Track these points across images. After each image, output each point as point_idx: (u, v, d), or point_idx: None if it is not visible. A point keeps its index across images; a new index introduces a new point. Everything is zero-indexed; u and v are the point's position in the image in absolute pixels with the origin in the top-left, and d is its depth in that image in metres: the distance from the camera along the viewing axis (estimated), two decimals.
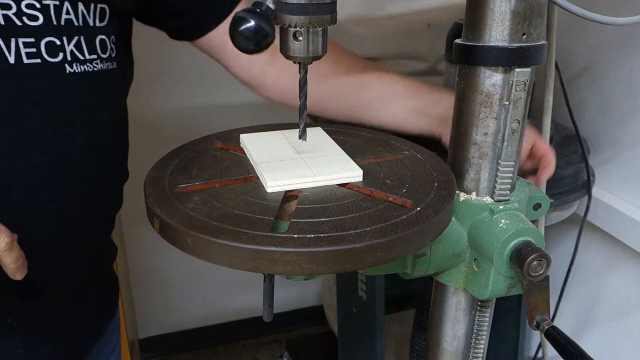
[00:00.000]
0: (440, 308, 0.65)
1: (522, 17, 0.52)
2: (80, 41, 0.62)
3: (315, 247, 0.42)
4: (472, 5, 0.54)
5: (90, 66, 0.63)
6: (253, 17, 0.44)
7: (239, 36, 0.44)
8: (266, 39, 0.44)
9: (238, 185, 0.52)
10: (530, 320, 0.56)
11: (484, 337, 0.65)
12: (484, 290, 0.57)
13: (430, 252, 0.58)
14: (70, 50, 0.61)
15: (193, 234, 0.43)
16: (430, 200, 0.49)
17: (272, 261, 0.42)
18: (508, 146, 0.56)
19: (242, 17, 0.44)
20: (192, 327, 1.99)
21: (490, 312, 0.64)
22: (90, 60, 0.63)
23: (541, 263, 0.53)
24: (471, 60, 0.55)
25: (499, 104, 0.55)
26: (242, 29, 0.44)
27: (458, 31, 0.58)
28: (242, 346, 1.99)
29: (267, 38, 0.45)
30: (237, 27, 0.44)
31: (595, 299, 1.22)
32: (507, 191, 0.58)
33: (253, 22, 0.43)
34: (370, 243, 0.42)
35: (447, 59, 1.00)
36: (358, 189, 0.52)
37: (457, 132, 0.59)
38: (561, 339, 0.53)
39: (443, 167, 0.57)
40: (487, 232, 0.56)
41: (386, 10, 1.25)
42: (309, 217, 0.46)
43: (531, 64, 0.53)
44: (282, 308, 1.98)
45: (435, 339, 0.66)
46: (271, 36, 0.45)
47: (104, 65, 0.65)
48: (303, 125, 0.59)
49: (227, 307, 1.97)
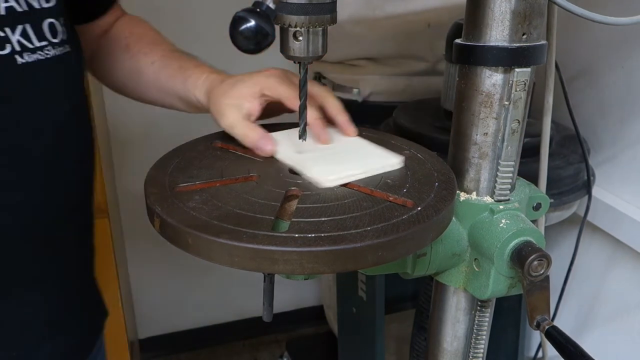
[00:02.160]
0: (440, 308, 0.65)
1: (522, 17, 0.52)
2: (27, 29, 0.58)
3: (316, 246, 0.42)
4: (472, 5, 0.54)
5: (42, 54, 0.59)
6: (253, 17, 0.44)
7: (239, 36, 0.44)
8: (266, 39, 0.44)
9: (238, 184, 0.52)
10: (530, 320, 0.56)
11: (484, 337, 0.65)
12: (484, 290, 0.57)
13: (431, 252, 0.58)
14: (17, 40, 0.57)
15: (193, 233, 0.43)
16: (431, 200, 0.49)
17: (272, 260, 0.42)
18: (508, 146, 0.56)
19: (242, 17, 0.44)
20: (192, 327, 1.99)
21: (490, 312, 0.64)
22: (41, 47, 0.59)
23: (541, 263, 0.53)
24: (471, 60, 0.55)
25: (499, 104, 0.55)
26: (242, 29, 0.44)
27: (458, 31, 0.58)
28: (242, 346, 1.99)
29: (267, 38, 0.45)
30: (237, 27, 0.44)
31: (595, 299, 1.22)
32: (507, 191, 0.58)
33: (253, 22, 0.44)
34: (370, 242, 0.42)
35: (447, 59, 1.00)
36: (359, 188, 0.52)
37: (457, 132, 0.59)
38: (561, 339, 0.53)
39: (443, 167, 0.57)
40: (487, 232, 0.56)
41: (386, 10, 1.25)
42: (309, 217, 0.46)
43: (531, 64, 0.53)
44: (282, 308, 1.98)
45: (435, 339, 0.66)
46: (271, 36, 0.45)
47: (57, 50, 0.62)
48: (303, 124, 0.59)
49: (227, 307, 1.97)
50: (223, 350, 1.98)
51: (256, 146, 0.59)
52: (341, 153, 0.58)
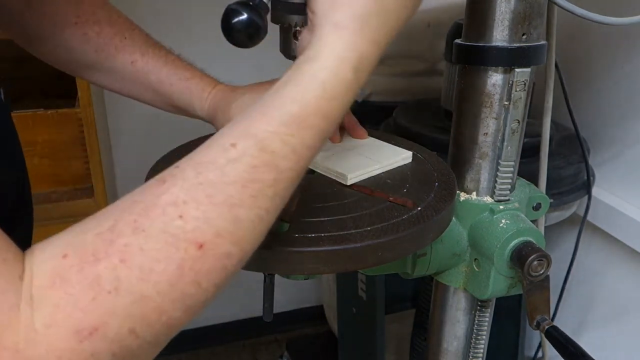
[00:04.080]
0: (440, 308, 0.65)
1: (522, 17, 0.52)
2: None
3: (317, 246, 0.42)
4: (472, 6, 0.54)
5: None
6: (245, 9, 0.44)
7: (232, 28, 0.44)
8: (258, 33, 0.44)
9: None
10: (530, 320, 0.56)
11: (484, 337, 0.65)
12: (484, 290, 0.57)
13: (431, 252, 0.58)
14: None
15: None
16: (431, 200, 0.49)
17: (272, 260, 0.42)
18: (508, 146, 0.56)
19: (234, 10, 0.44)
20: (192, 327, 1.99)
21: (490, 312, 0.64)
22: None
23: (541, 263, 0.53)
24: (471, 60, 0.55)
25: (499, 104, 0.55)
26: (234, 22, 0.44)
27: (458, 31, 0.58)
28: (242, 346, 1.99)
29: (260, 31, 0.44)
30: (229, 19, 0.44)
31: (595, 299, 1.22)
32: (507, 191, 0.58)
33: (246, 14, 0.44)
34: (371, 242, 0.42)
35: (447, 59, 1.00)
36: (359, 188, 0.52)
37: (457, 132, 0.59)
38: (561, 339, 0.53)
39: (443, 167, 0.57)
40: (487, 232, 0.56)
41: None
42: (310, 217, 0.46)
43: (531, 64, 0.53)
44: (282, 308, 1.98)
45: (436, 339, 0.66)
46: (263, 30, 0.45)
47: None
48: None
49: (227, 307, 1.97)
50: (223, 350, 1.97)
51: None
52: (354, 150, 0.59)
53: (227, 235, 0.34)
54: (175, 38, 0.80)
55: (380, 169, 0.55)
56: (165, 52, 0.69)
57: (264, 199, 0.35)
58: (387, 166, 0.55)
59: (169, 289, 0.32)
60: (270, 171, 0.35)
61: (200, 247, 0.32)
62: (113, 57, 0.67)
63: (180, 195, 0.33)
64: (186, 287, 0.33)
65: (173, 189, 0.33)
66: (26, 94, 1.38)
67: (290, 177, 0.36)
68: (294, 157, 0.36)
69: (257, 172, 0.34)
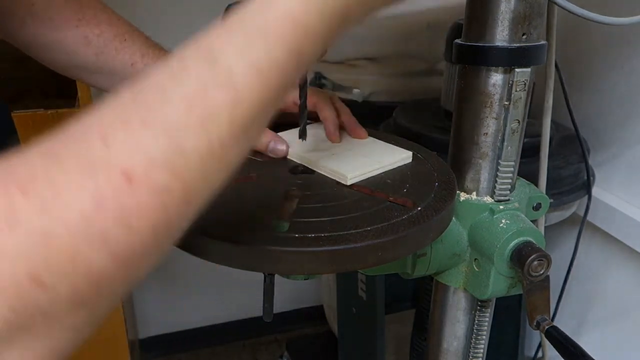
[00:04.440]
0: (440, 308, 0.65)
1: (522, 17, 0.52)
2: None
3: (316, 246, 0.42)
4: (472, 5, 0.54)
5: None
6: None
7: None
8: None
9: (238, 184, 0.52)
10: (530, 320, 0.56)
11: (484, 337, 0.65)
12: (484, 290, 0.57)
13: (431, 252, 0.58)
14: None
15: (193, 233, 0.43)
16: (431, 200, 0.49)
17: (272, 260, 0.42)
18: (508, 146, 0.56)
19: None
20: (192, 327, 1.99)
21: (490, 312, 0.64)
22: None
23: (542, 263, 0.53)
24: (471, 60, 0.55)
25: (499, 104, 0.55)
26: None
27: (458, 31, 0.58)
28: (242, 346, 1.99)
29: None
30: None
31: (595, 299, 1.22)
32: (507, 191, 0.58)
33: None
34: (371, 243, 0.42)
35: (447, 59, 1.00)
36: (359, 188, 0.52)
37: (457, 132, 0.59)
38: (561, 339, 0.53)
39: (443, 167, 0.57)
40: (487, 232, 0.56)
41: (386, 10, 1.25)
42: (309, 217, 0.46)
43: (531, 64, 0.53)
44: (282, 308, 1.98)
45: (436, 339, 0.66)
46: None
47: None
48: (303, 124, 0.59)
49: (227, 307, 1.97)
50: (223, 350, 1.97)
51: (270, 148, 0.58)
52: (353, 150, 0.59)
53: (165, 164, 0.27)
54: (176, 38, 0.80)
55: (380, 169, 0.55)
56: (165, 54, 0.70)
57: (216, 126, 0.28)
58: (387, 166, 0.55)
59: (82, 225, 0.25)
60: (225, 91, 0.28)
61: (127, 177, 0.26)
62: (113, 59, 0.67)
63: (108, 118, 0.27)
64: (108, 226, 0.26)
65: (101, 113, 0.28)
66: (26, 94, 1.38)
67: (252, 100, 0.29)
68: (256, 75, 0.29)
69: (206, 91, 0.28)
